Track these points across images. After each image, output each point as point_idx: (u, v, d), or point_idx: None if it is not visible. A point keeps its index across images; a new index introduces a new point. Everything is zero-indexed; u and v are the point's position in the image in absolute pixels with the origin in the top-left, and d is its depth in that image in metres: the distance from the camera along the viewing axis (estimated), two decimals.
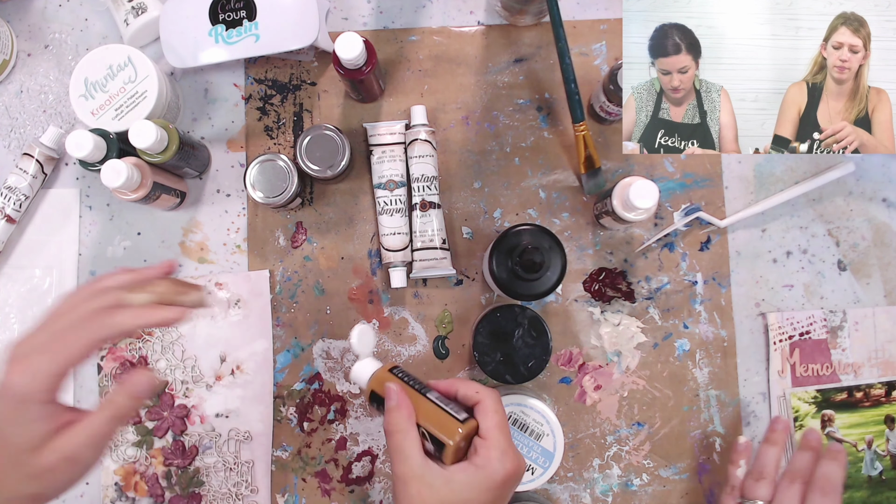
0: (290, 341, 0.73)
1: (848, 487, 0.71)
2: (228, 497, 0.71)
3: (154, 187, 0.66)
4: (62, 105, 0.75)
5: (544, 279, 0.62)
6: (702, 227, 0.73)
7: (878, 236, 0.74)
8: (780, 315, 0.72)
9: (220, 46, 0.69)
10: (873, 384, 0.72)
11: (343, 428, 0.72)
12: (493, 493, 0.48)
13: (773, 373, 0.72)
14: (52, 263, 0.74)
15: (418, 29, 0.75)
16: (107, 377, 0.72)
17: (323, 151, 0.68)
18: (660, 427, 0.72)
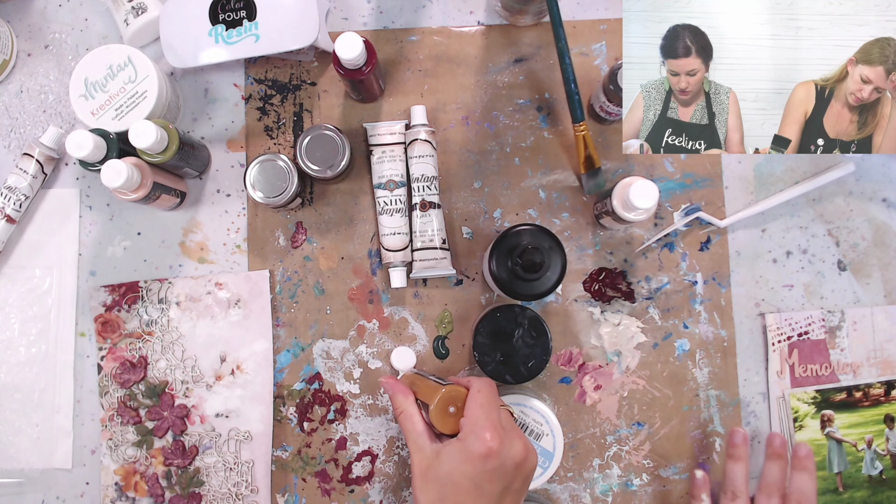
0: (290, 341, 0.73)
1: (848, 487, 0.71)
2: (228, 497, 0.71)
3: (154, 187, 0.66)
4: (62, 105, 0.75)
5: (544, 279, 0.62)
6: (702, 227, 0.73)
7: (878, 236, 0.74)
8: (778, 316, 0.72)
9: (220, 46, 0.69)
10: (872, 384, 0.72)
11: (343, 428, 0.72)
12: (473, 465, 0.50)
13: (772, 374, 0.72)
14: (52, 263, 0.74)
15: (418, 29, 0.75)
16: (107, 377, 0.72)
17: (323, 151, 0.68)
18: (660, 427, 0.72)
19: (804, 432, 0.71)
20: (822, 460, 0.71)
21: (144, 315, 0.73)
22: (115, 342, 0.73)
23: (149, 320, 0.73)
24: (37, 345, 0.73)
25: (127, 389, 0.72)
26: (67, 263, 0.74)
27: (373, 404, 0.72)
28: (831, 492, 0.71)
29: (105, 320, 0.73)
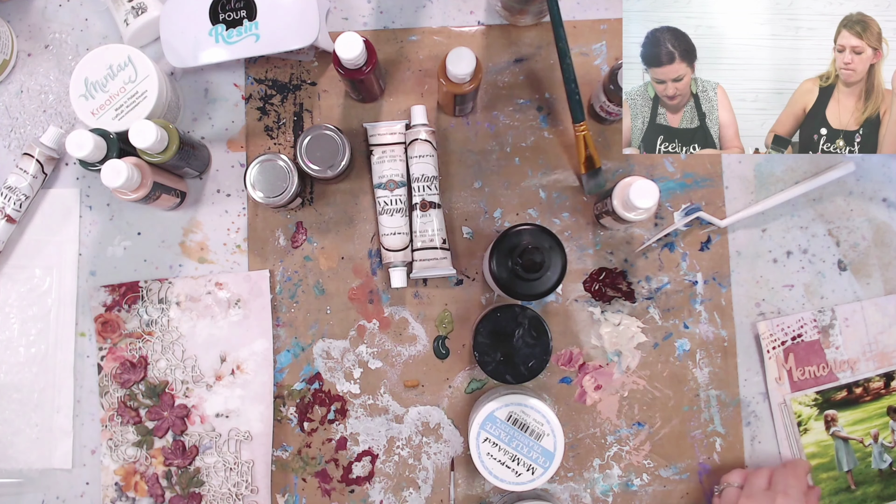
0: (290, 341, 0.73)
1: (860, 484, 0.71)
2: (228, 497, 0.71)
3: (154, 187, 0.66)
4: (62, 105, 0.75)
5: (544, 279, 0.62)
6: (702, 227, 0.73)
7: (879, 236, 0.74)
8: (769, 323, 0.72)
9: (220, 46, 0.69)
10: (871, 378, 0.72)
11: (343, 428, 0.72)
12: None
13: (770, 381, 0.72)
14: (52, 263, 0.74)
15: (418, 29, 0.75)
16: (107, 377, 0.72)
17: (323, 151, 0.68)
18: (660, 427, 0.72)
19: (809, 435, 0.71)
20: (831, 460, 0.71)
21: (144, 315, 0.73)
22: (115, 342, 0.73)
23: (149, 320, 0.73)
24: (36, 345, 0.73)
25: (127, 389, 0.72)
26: (67, 263, 0.74)
27: (373, 404, 0.72)
28: (844, 490, 0.71)
29: (105, 320, 0.73)
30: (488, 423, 0.66)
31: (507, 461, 0.66)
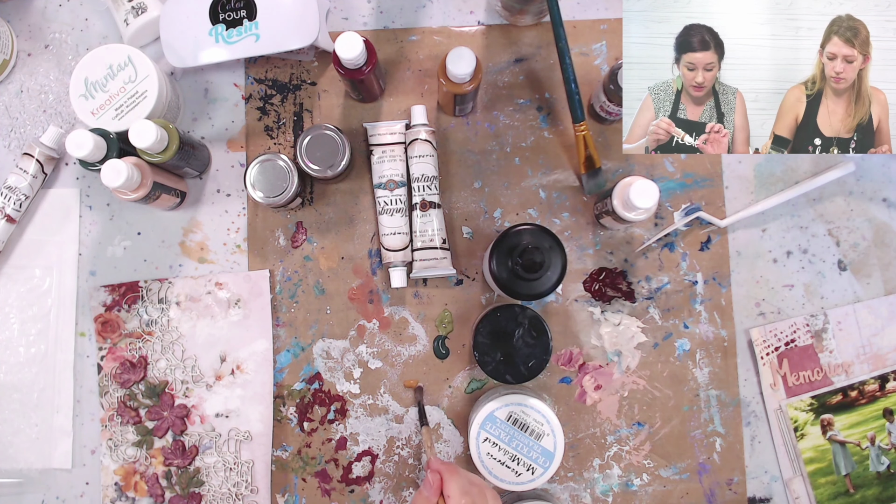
0: (290, 341, 0.73)
1: (859, 487, 0.71)
2: (228, 497, 0.71)
3: (154, 187, 0.66)
4: (62, 105, 0.75)
5: (544, 279, 0.62)
6: (702, 227, 0.73)
7: (879, 236, 0.74)
8: (762, 329, 0.72)
9: (220, 46, 0.69)
10: (866, 380, 0.72)
11: (343, 428, 0.72)
12: None
13: (765, 387, 0.72)
14: (52, 263, 0.74)
15: (418, 29, 0.75)
16: (107, 377, 0.72)
17: (323, 151, 0.68)
18: (660, 427, 0.72)
19: (806, 440, 0.71)
20: (829, 465, 0.71)
21: (144, 315, 0.73)
22: (115, 342, 0.73)
23: (149, 320, 0.73)
24: (36, 345, 0.73)
25: (127, 389, 0.72)
26: (67, 263, 0.74)
27: (373, 404, 0.72)
28: (843, 494, 0.71)
29: (105, 320, 0.73)
30: (488, 423, 0.66)
31: (507, 461, 0.66)
